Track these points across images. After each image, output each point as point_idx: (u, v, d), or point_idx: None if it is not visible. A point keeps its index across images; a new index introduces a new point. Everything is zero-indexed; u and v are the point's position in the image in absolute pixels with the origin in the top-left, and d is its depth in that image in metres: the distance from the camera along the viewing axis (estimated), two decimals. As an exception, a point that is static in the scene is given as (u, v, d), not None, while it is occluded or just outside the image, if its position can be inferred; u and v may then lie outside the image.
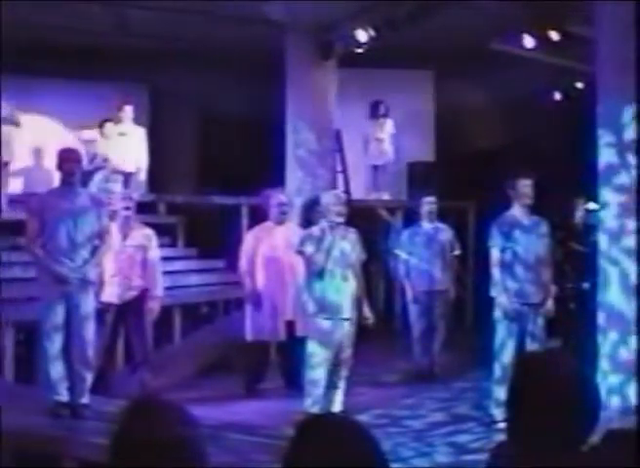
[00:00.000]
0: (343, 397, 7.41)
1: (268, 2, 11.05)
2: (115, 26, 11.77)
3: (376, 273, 12.64)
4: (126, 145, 11.90)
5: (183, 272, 11.54)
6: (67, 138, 13.08)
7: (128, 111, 12.13)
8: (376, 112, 13.61)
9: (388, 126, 13.58)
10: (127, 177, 11.78)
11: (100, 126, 11.96)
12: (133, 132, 12.18)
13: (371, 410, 7.80)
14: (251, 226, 9.95)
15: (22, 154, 12.75)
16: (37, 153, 13.59)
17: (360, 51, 11.15)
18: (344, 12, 10.86)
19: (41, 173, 13.21)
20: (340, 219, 7.26)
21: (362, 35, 10.87)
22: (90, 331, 6.76)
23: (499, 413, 7.06)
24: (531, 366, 2.60)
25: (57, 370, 6.67)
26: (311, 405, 7.14)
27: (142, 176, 12.49)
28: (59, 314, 6.61)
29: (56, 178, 7.65)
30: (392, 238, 11.83)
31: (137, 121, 12.38)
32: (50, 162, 11.69)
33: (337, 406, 7.33)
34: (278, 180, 10.72)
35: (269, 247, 8.68)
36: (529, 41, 10.95)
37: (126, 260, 8.21)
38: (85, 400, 6.77)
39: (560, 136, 12.22)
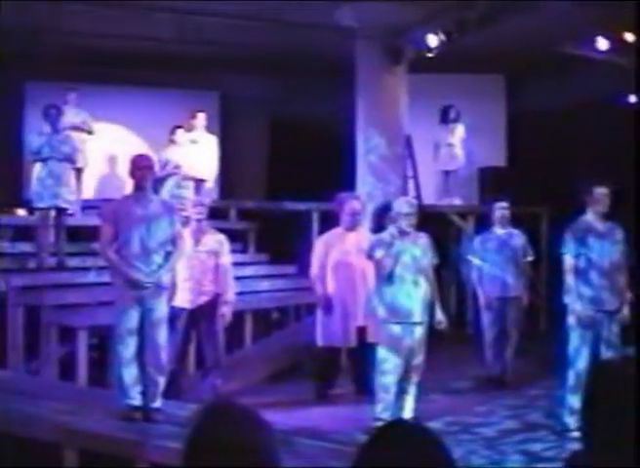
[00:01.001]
0: (414, 403, 7.37)
1: (339, 8, 11.07)
2: (185, 34, 11.88)
3: (447, 279, 12.56)
4: (197, 153, 11.99)
5: (254, 277, 11.59)
6: (139, 145, 13.25)
7: (201, 119, 12.21)
8: (446, 117, 13.55)
9: (459, 131, 13.50)
10: (197, 184, 11.88)
11: (172, 132, 12.08)
12: (204, 139, 12.26)
13: (442, 417, 7.74)
14: (322, 232, 9.95)
15: (96, 161, 12.97)
16: (110, 160, 13.80)
17: (430, 55, 11.10)
18: (415, 16, 10.83)
19: (114, 179, 13.42)
20: (410, 229, 7.21)
21: (432, 40, 10.82)
22: (162, 335, 6.81)
23: (572, 422, 6.96)
24: (606, 373, 2.56)
25: (130, 373, 6.72)
26: (382, 411, 7.11)
27: (213, 184, 12.58)
28: (132, 318, 6.67)
29: (128, 185, 7.74)
30: (464, 244, 11.75)
31: (207, 127, 12.47)
32: (122, 169, 11.90)
33: (407, 412, 7.30)
34: (349, 186, 10.71)
35: (341, 252, 8.67)
36: (603, 43, 10.79)
37: (198, 266, 8.26)
38: (157, 404, 6.81)
39: (635, 140, 12.00)
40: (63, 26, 11.88)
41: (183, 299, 8.18)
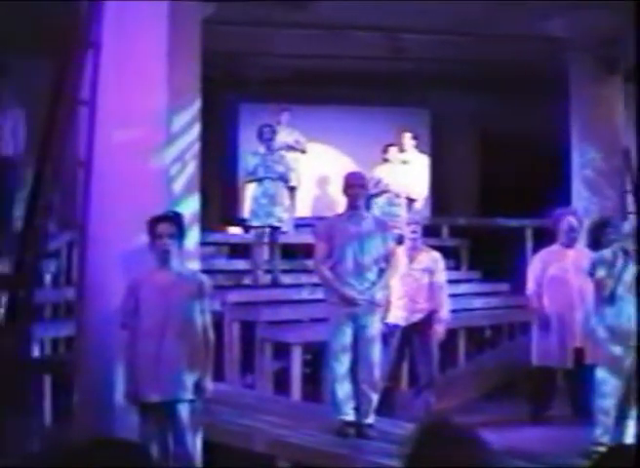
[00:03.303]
0: (637, 428, 7.06)
1: (549, 19, 10.83)
2: (393, 51, 11.93)
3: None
4: (408, 173, 11.97)
5: (467, 295, 11.49)
6: (349, 164, 13.39)
7: (407, 138, 12.21)
8: (668, 127, 13.01)
9: (683, 141, 12.93)
10: (408, 203, 11.86)
11: (385, 150, 12.12)
12: (415, 160, 12.27)
13: (666, 443, 7.37)
14: (535, 249, 9.76)
15: (308, 180, 13.20)
16: (322, 179, 14.00)
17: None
18: (629, 23, 10.45)
19: (325, 198, 13.61)
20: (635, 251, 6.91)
21: (650, 46, 10.40)
22: (376, 352, 6.82)
23: None
24: None
25: (344, 389, 6.77)
26: (601, 435, 6.84)
27: (422, 205, 12.53)
28: (346, 335, 6.72)
29: (340, 203, 7.82)
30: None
31: (418, 144, 12.45)
32: (334, 187, 12.06)
33: (629, 437, 6.99)
34: (564, 202, 10.42)
35: (558, 269, 8.44)
36: None
37: (413, 283, 8.27)
38: (370, 420, 6.83)
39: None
40: (274, 49, 12.20)
41: (398, 317, 8.22)
